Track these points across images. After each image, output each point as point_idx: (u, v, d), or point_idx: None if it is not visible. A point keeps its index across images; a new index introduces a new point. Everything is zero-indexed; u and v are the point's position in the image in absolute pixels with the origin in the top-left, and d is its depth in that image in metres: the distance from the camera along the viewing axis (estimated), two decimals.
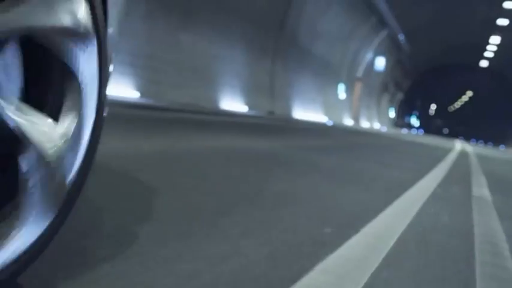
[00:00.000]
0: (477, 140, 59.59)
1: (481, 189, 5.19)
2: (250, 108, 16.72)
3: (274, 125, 12.75)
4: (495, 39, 42.12)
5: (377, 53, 35.87)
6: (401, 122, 62.04)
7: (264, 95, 18.17)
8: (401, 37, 36.58)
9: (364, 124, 37.48)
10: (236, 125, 10.12)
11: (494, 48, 46.14)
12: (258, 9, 16.45)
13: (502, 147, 44.78)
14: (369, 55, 34.63)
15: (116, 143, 3.76)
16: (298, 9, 19.62)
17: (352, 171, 5.02)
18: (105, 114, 1.21)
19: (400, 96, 56.80)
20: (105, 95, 1.18)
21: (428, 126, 72.21)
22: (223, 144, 5.81)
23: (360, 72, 34.28)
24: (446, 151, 14.05)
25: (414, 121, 72.30)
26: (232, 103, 15.69)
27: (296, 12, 19.55)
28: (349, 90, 32.37)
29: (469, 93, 76.09)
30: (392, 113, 55.89)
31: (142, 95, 10.47)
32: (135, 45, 10.36)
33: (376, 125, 42.55)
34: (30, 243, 1.01)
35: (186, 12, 12.42)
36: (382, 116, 47.46)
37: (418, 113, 73.75)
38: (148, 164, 3.30)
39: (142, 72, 10.59)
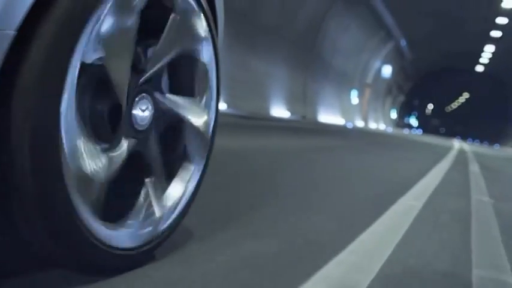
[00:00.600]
0: (473, 139, 59.97)
1: (474, 168, 8.87)
2: (291, 113, 20.15)
3: (314, 129, 16.19)
4: (490, 48, 43.71)
5: (384, 62, 38.07)
6: (402, 122, 62.85)
7: (298, 102, 21.62)
8: (403, 43, 38.07)
9: (372, 125, 39.47)
10: (294, 128, 13.62)
11: (489, 55, 47.36)
12: (297, 33, 20.11)
13: (496, 146, 45.32)
14: (377, 64, 36.92)
15: (245, 140, 7.46)
16: (324, 30, 23.12)
17: (397, 156, 8.70)
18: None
19: (401, 98, 57.88)
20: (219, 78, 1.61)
21: (426, 125, 73.28)
22: (314, 142, 9.52)
23: (369, 79, 36.62)
24: (448, 149, 16.80)
25: (413, 121, 73.65)
26: (279, 110, 19.22)
27: (322, 33, 23.10)
28: (360, 95, 34.87)
29: (466, 95, 77.63)
30: (394, 114, 56.86)
31: (228, 106, 14.17)
32: (222, 68, 14.04)
33: (382, 126, 44.17)
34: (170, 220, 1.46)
35: (251, 42, 16.26)
36: (386, 117, 49.23)
37: (417, 114, 75.23)
38: (321, 149, 7.03)
39: (226, 88, 14.29)
